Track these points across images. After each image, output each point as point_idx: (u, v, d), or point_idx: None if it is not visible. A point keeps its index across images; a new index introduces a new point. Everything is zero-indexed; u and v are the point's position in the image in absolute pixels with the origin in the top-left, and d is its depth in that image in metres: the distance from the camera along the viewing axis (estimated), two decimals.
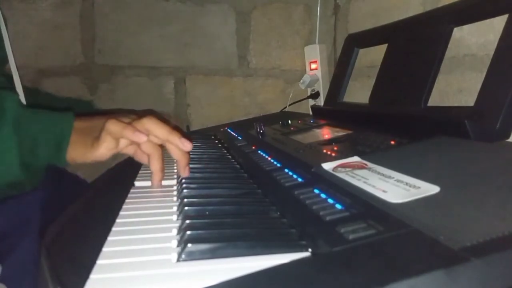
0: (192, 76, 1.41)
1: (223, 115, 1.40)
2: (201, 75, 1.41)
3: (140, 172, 0.64)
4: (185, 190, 0.49)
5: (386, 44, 0.80)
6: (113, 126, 0.56)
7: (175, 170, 0.65)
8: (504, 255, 0.26)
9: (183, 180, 0.54)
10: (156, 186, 0.57)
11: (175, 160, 0.59)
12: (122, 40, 1.36)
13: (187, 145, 0.56)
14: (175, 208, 0.46)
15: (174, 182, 0.59)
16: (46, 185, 0.70)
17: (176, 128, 0.58)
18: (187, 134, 0.64)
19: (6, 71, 0.88)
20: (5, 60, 0.81)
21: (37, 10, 1.31)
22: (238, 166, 0.66)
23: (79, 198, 0.51)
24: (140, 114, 0.60)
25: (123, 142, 0.58)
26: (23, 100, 0.82)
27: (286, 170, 0.54)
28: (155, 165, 0.56)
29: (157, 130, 0.56)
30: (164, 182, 0.58)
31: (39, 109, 0.62)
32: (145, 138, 0.55)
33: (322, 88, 1.26)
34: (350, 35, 0.99)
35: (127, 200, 0.49)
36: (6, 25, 0.83)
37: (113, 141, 0.57)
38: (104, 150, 0.57)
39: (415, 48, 0.71)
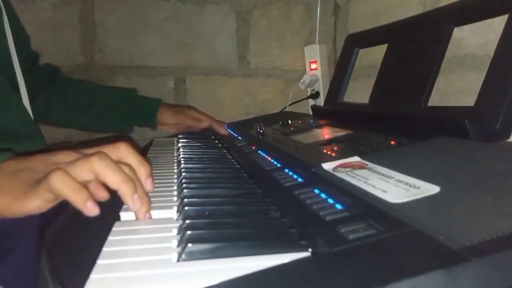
0: (192, 76, 1.41)
1: (223, 115, 1.40)
2: (201, 75, 1.41)
3: None
4: (185, 190, 0.49)
5: (386, 44, 0.80)
6: (57, 183, 0.41)
7: (175, 170, 0.65)
8: (504, 255, 0.26)
9: (183, 180, 0.54)
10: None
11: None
12: (122, 40, 1.36)
13: (149, 187, 0.46)
14: (175, 208, 0.46)
15: (174, 182, 0.59)
16: None
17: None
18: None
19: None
20: (10, 62, 0.81)
21: (37, 10, 1.31)
22: (238, 166, 0.66)
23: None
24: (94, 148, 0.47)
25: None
26: (25, 99, 0.82)
27: (286, 170, 0.54)
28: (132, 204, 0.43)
29: (111, 175, 0.43)
30: (164, 183, 0.58)
31: None
32: (97, 211, 0.42)
33: (322, 88, 1.26)
34: (350, 35, 0.99)
35: (120, 194, 0.49)
36: (10, 26, 0.83)
37: (52, 195, 0.43)
38: (41, 203, 0.43)
39: (415, 48, 0.71)
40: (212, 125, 1.07)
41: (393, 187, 0.39)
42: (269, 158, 0.63)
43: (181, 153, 0.74)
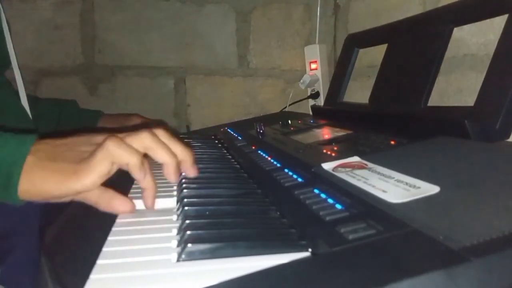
0: (192, 76, 1.41)
1: (223, 115, 1.40)
2: (201, 75, 1.41)
3: None
4: (185, 190, 0.49)
5: (386, 44, 0.80)
6: (116, 148, 0.42)
7: None
8: (504, 255, 0.26)
9: (183, 180, 0.54)
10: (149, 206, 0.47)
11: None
12: (122, 40, 1.36)
13: (195, 172, 0.51)
14: (175, 208, 0.46)
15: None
16: None
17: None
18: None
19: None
20: (8, 62, 0.81)
21: (37, 10, 1.31)
22: (238, 166, 0.66)
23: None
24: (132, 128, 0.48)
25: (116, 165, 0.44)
26: (24, 99, 0.83)
27: (286, 170, 0.54)
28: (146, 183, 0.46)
29: (161, 150, 0.46)
30: (164, 183, 0.58)
31: None
32: (153, 189, 0.45)
33: (322, 88, 1.26)
34: (350, 35, 0.99)
35: (129, 195, 0.49)
36: (9, 28, 0.83)
37: (109, 165, 0.43)
38: (96, 177, 0.42)
39: (415, 48, 0.71)
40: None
41: (393, 187, 0.39)
42: (269, 158, 0.63)
43: None
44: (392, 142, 0.56)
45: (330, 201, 0.40)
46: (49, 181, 0.42)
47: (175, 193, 0.50)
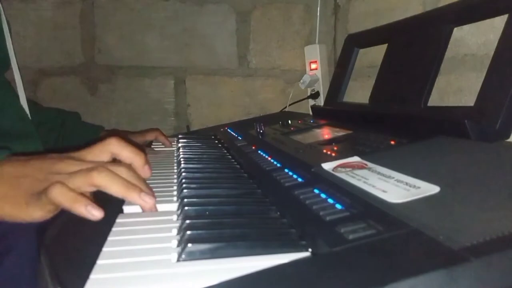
0: (192, 76, 1.41)
1: (223, 115, 1.40)
2: (201, 75, 1.41)
3: None
4: (185, 190, 0.49)
5: (386, 44, 0.80)
6: (58, 195, 0.42)
7: (175, 170, 0.65)
8: (504, 255, 0.26)
9: (183, 180, 0.54)
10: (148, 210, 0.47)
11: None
12: (122, 40, 1.36)
13: (147, 173, 0.49)
14: (175, 209, 0.46)
15: (174, 182, 0.59)
16: None
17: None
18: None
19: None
20: (8, 62, 0.81)
21: (37, 10, 1.31)
22: (238, 166, 0.66)
23: None
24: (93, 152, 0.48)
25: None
26: (23, 100, 0.82)
27: (286, 170, 0.54)
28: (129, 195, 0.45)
29: (113, 186, 0.44)
30: (164, 183, 0.58)
31: None
32: (101, 215, 0.42)
33: (322, 88, 1.26)
34: (350, 35, 0.99)
35: (127, 200, 0.49)
36: (9, 28, 0.83)
37: (54, 208, 0.44)
38: (43, 212, 0.44)
39: (415, 48, 0.71)
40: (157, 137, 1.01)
41: (393, 187, 0.39)
42: (269, 158, 0.63)
43: (181, 153, 0.74)
44: (392, 142, 0.56)
45: (330, 201, 0.40)
46: (3, 208, 0.45)
47: (175, 198, 0.50)
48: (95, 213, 0.42)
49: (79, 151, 0.49)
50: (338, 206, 0.38)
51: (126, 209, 0.46)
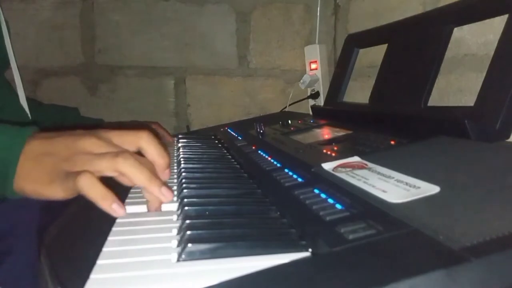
0: (192, 76, 1.41)
1: (223, 115, 1.40)
2: (201, 75, 1.41)
3: None
4: (185, 190, 0.49)
5: (386, 44, 0.80)
6: (86, 185, 0.42)
7: (175, 170, 0.65)
8: (504, 255, 0.26)
9: (183, 180, 0.54)
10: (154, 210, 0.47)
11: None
12: (122, 40, 1.36)
13: (166, 176, 0.48)
14: (175, 209, 0.46)
15: (174, 182, 0.59)
16: None
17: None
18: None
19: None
20: (7, 62, 0.81)
21: (37, 10, 1.31)
22: (238, 166, 0.66)
23: (79, 197, 0.51)
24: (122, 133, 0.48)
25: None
26: (23, 99, 0.83)
27: (286, 170, 0.54)
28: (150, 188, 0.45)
29: (136, 175, 0.44)
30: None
31: None
32: (123, 213, 0.42)
33: (322, 88, 1.26)
34: (350, 35, 0.99)
35: (127, 200, 0.49)
36: (8, 28, 0.83)
37: (75, 192, 0.44)
38: (66, 193, 0.45)
39: (415, 48, 0.71)
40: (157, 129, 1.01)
41: (393, 187, 0.39)
42: (269, 158, 0.63)
43: (181, 153, 0.74)
44: (392, 142, 0.56)
45: (330, 201, 0.40)
46: (28, 184, 0.46)
47: (175, 198, 0.50)
48: (119, 212, 0.42)
49: (108, 131, 0.48)
50: (338, 206, 0.38)
51: (126, 209, 0.46)
